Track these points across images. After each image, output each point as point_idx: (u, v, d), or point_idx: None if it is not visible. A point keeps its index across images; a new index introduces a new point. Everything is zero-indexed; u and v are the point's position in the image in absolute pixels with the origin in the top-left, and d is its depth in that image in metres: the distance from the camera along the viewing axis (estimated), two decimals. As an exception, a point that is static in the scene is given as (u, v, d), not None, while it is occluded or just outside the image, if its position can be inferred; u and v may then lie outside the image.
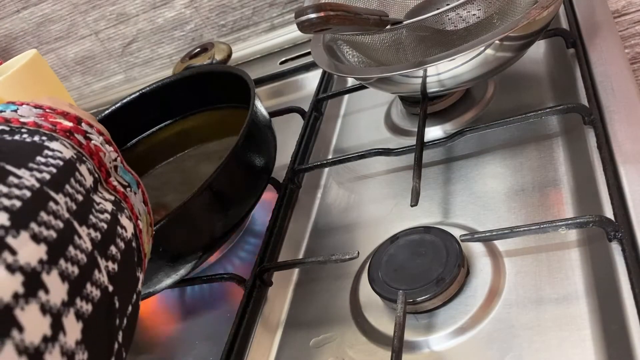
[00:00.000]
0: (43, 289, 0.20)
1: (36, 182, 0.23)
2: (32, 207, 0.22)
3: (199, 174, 0.59)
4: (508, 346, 0.37)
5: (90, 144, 0.30)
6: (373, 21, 0.47)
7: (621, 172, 0.40)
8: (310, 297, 0.49)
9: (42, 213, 0.22)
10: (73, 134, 0.29)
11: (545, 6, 0.43)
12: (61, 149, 0.26)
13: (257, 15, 0.93)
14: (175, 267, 0.47)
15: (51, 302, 0.20)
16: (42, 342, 0.19)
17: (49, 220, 0.22)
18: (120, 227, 0.28)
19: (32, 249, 0.20)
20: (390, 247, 0.45)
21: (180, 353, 0.52)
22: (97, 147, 0.30)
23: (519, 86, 0.57)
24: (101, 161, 0.30)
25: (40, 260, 0.20)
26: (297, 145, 0.62)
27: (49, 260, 0.21)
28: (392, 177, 0.57)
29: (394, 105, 0.64)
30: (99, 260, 0.24)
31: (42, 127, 0.28)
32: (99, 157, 0.30)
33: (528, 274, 0.41)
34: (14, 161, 0.23)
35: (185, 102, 0.70)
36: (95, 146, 0.30)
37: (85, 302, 0.22)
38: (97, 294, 0.23)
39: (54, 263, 0.21)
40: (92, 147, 0.29)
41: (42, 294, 0.20)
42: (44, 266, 0.20)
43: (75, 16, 1.00)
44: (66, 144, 0.27)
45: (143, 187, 0.34)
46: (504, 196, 0.47)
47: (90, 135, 0.30)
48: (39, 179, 0.23)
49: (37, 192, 0.22)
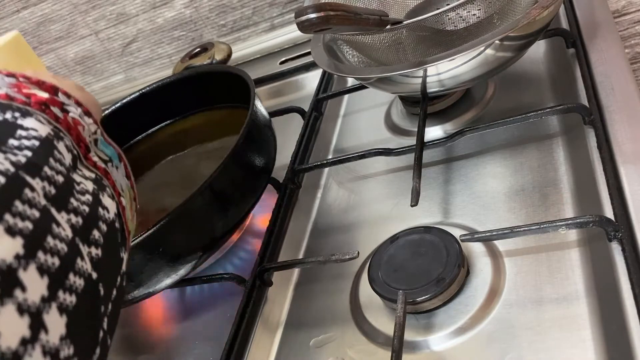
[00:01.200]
0: (20, 287, 0.19)
1: (11, 167, 0.21)
2: (6, 196, 0.20)
3: (199, 174, 0.59)
4: (508, 346, 0.37)
5: (68, 117, 0.27)
6: (373, 21, 0.47)
7: (621, 172, 0.40)
8: (310, 297, 0.49)
9: (17, 202, 0.20)
10: (49, 107, 0.27)
11: (545, 6, 0.43)
12: (36, 126, 0.25)
13: (257, 15, 0.93)
14: (175, 267, 0.47)
15: (29, 300, 0.19)
16: (20, 345, 0.18)
17: (24, 210, 0.21)
18: (102, 208, 0.26)
19: (7, 243, 0.19)
20: (390, 247, 0.45)
21: (180, 353, 0.52)
22: (75, 120, 0.28)
23: (519, 86, 0.57)
24: (80, 135, 0.28)
25: (16, 256, 0.19)
26: (297, 145, 0.62)
27: (26, 254, 0.20)
28: (392, 177, 0.57)
29: (394, 105, 0.64)
30: (80, 248, 0.23)
31: (14, 99, 0.26)
32: (78, 131, 0.28)
33: (528, 274, 0.41)
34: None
35: (185, 102, 0.70)
36: (73, 119, 0.28)
37: (69, 293, 0.21)
38: (80, 284, 0.22)
39: (31, 257, 0.20)
40: (70, 120, 0.27)
41: (19, 293, 0.19)
42: (20, 262, 0.19)
43: (75, 16, 1.00)
44: (42, 119, 0.26)
45: (125, 159, 0.32)
46: (504, 196, 0.47)
47: (67, 107, 0.28)
48: (14, 162, 0.22)
49: (12, 178, 0.21)
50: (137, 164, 0.68)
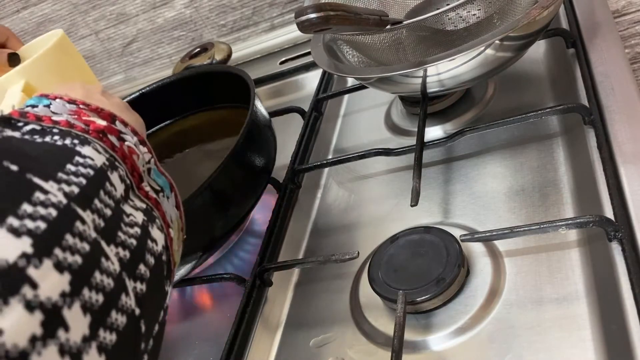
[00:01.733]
0: (63, 326, 0.18)
1: (64, 198, 0.21)
2: (57, 229, 0.20)
3: (199, 174, 0.59)
4: (508, 346, 0.37)
5: (124, 145, 0.28)
6: (373, 21, 0.47)
7: (621, 172, 0.40)
8: (310, 297, 0.49)
9: (68, 236, 0.20)
10: (106, 135, 0.27)
11: (545, 6, 0.43)
12: (93, 155, 0.25)
13: (257, 15, 0.93)
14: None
15: (71, 340, 0.18)
16: None
17: (74, 244, 0.20)
18: (151, 241, 0.26)
19: (55, 280, 0.18)
20: (390, 247, 0.45)
21: (180, 353, 0.52)
22: (130, 149, 0.28)
23: (519, 86, 0.57)
24: (134, 165, 0.28)
25: (62, 293, 0.18)
26: (297, 145, 0.62)
27: (72, 291, 0.19)
28: (392, 177, 0.57)
29: (394, 105, 0.64)
30: (126, 283, 0.22)
31: (74, 126, 0.26)
32: (132, 160, 0.28)
33: (528, 274, 0.41)
34: (42, 171, 0.21)
35: (185, 102, 0.70)
36: (129, 148, 0.28)
37: (110, 332, 0.20)
38: (122, 321, 0.21)
39: (77, 294, 0.19)
40: (126, 149, 0.27)
41: (62, 333, 0.18)
42: (65, 300, 0.18)
43: (75, 16, 1.00)
44: (99, 147, 0.26)
45: (176, 189, 0.32)
46: (504, 196, 0.47)
47: (124, 136, 0.28)
48: (67, 193, 0.21)
49: (64, 210, 0.21)
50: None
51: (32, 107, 0.28)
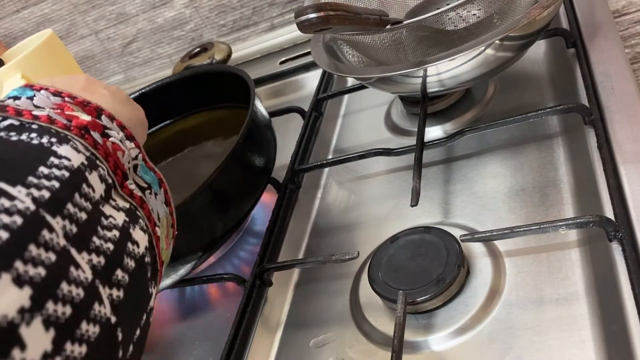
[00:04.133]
0: (19, 345, 0.17)
1: (32, 204, 0.20)
2: (20, 240, 0.19)
3: (199, 174, 0.59)
4: (508, 346, 0.37)
5: (108, 142, 0.26)
6: (373, 21, 0.47)
7: (621, 172, 0.40)
8: (310, 297, 0.49)
9: (32, 246, 0.19)
10: (89, 132, 0.26)
11: (545, 6, 0.43)
12: (70, 155, 0.24)
13: (257, 15, 0.93)
14: (175, 267, 0.47)
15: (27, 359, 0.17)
16: None
17: (38, 255, 0.19)
18: (132, 243, 0.25)
19: (13, 295, 0.17)
20: (390, 247, 0.45)
21: (180, 353, 0.52)
22: (115, 145, 0.27)
23: (519, 86, 0.57)
24: (118, 163, 0.27)
25: (20, 309, 0.17)
26: (297, 145, 0.62)
27: (32, 306, 0.18)
28: (392, 177, 0.57)
29: (394, 105, 0.64)
30: (100, 291, 0.21)
31: (55, 122, 0.25)
32: (116, 157, 0.27)
33: (528, 274, 0.41)
34: (10, 175, 0.20)
35: (185, 102, 0.70)
36: (113, 145, 0.27)
37: (79, 344, 0.19)
38: (95, 332, 0.20)
39: (38, 309, 0.18)
40: (109, 146, 0.26)
41: (17, 353, 0.17)
42: (24, 316, 0.17)
43: (75, 16, 1.00)
44: (79, 145, 0.25)
45: (166, 185, 0.31)
46: (504, 196, 0.47)
47: (108, 132, 0.27)
48: (37, 198, 0.20)
49: (31, 218, 0.19)
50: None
51: (14, 98, 0.26)
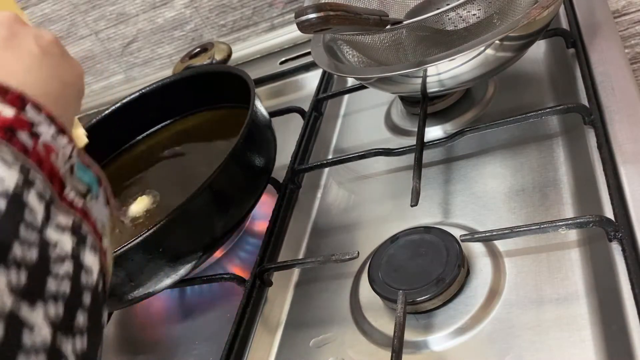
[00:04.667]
0: None
1: None
2: None
3: (199, 174, 0.59)
4: (508, 346, 0.37)
5: (39, 144, 0.21)
6: (373, 21, 0.47)
7: (621, 172, 0.40)
8: (310, 297, 0.49)
9: None
10: (15, 134, 0.20)
11: (545, 6, 0.43)
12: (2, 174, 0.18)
13: (257, 15, 0.93)
14: (175, 267, 0.47)
15: None
16: None
17: None
18: (86, 273, 0.21)
19: None
20: (390, 247, 0.45)
21: (180, 353, 0.52)
22: (47, 146, 0.21)
23: (519, 86, 0.57)
24: (53, 169, 0.21)
25: None
26: (297, 145, 0.62)
27: None
28: (392, 177, 0.57)
29: (394, 105, 0.64)
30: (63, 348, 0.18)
31: None
32: (50, 163, 0.21)
33: (528, 274, 0.41)
34: None
35: (185, 102, 0.70)
36: (45, 146, 0.21)
37: None
38: None
39: None
40: (41, 149, 0.21)
41: None
42: None
43: (75, 16, 1.00)
44: (7, 156, 0.19)
45: (105, 180, 0.26)
46: (504, 196, 0.47)
47: (37, 129, 0.21)
48: None
49: None
50: (137, 164, 0.68)
51: None
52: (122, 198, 0.63)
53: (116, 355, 0.56)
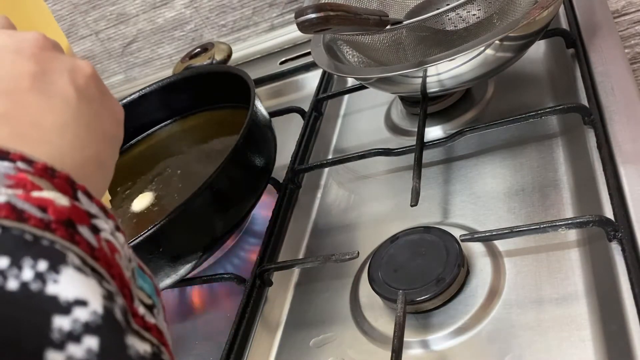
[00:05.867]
0: None
1: None
2: None
3: (199, 174, 0.59)
4: (508, 346, 0.37)
5: (102, 241, 0.16)
6: (373, 21, 0.47)
7: (621, 172, 0.40)
8: (310, 297, 0.49)
9: None
10: (77, 230, 0.15)
11: (545, 6, 0.43)
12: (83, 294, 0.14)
13: (257, 15, 0.93)
14: (175, 267, 0.47)
15: None
16: None
17: None
18: None
19: None
20: (390, 247, 0.45)
21: (180, 353, 0.52)
22: (110, 245, 0.17)
23: (519, 86, 0.57)
24: (122, 277, 0.16)
25: None
26: (297, 145, 0.62)
27: None
28: (392, 177, 0.57)
29: (394, 105, 0.64)
30: None
31: (24, 216, 0.14)
32: (119, 268, 0.16)
33: (528, 274, 0.41)
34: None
35: (185, 102, 0.70)
36: (108, 244, 0.16)
37: None
38: None
39: None
40: (106, 248, 0.16)
41: None
42: None
43: (75, 16, 1.00)
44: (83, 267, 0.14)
45: (158, 287, 0.21)
46: (504, 196, 0.47)
47: (96, 222, 0.17)
48: None
49: None
50: (137, 164, 0.68)
51: None
52: (122, 198, 0.63)
53: (116, 355, 0.56)
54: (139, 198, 0.60)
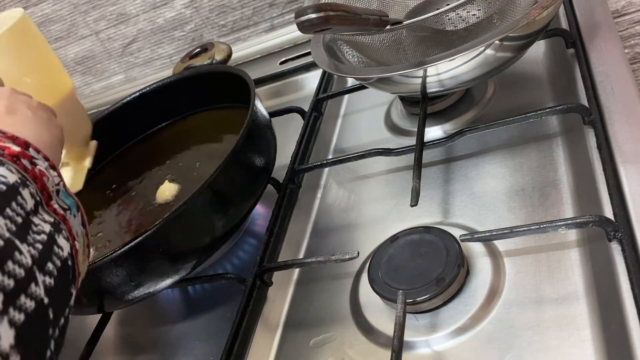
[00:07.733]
0: None
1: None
2: None
3: (199, 174, 0.59)
4: (508, 346, 0.37)
5: (36, 169, 0.32)
6: (373, 21, 0.47)
7: (621, 172, 0.40)
8: (310, 297, 0.49)
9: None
10: (19, 159, 0.31)
11: (545, 6, 0.43)
12: (6, 174, 0.29)
13: (257, 15, 0.93)
14: (175, 267, 0.47)
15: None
16: None
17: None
18: (57, 247, 0.30)
19: None
20: (390, 247, 0.45)
21: (180, 353, 0.52)
22: (41, 172, 0.32)
23: (519, 86, 0.57)
24: (44, 185, 0.31)
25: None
26: (297, 145, 0.62)
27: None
28: (392, 177, 0.57)
29: (394, 105, 0.64)
30: (37, 275, 0.26)
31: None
32: (42, 181, 0.31)
33: (528, 274, 0.41)
34: None
35: (185, 102, 0.70)
36: (39, 171, 0.32)
37: (19, 312, 0.24)
38: (31, 305, 0.25)
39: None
40: (37, 172, 0.31)
41: None
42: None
43: (76, 16, 1.00)
44: (12, 168, 0.29)
45: (82, 210, 0.35)
46: (504, 196, 0.47)
47: (36, 161, 0.32)
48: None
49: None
50: (137, 163, 0.68)
51: None
52: (123, 198, 0.63)
53: (116, 355, 0.56)
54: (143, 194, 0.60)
